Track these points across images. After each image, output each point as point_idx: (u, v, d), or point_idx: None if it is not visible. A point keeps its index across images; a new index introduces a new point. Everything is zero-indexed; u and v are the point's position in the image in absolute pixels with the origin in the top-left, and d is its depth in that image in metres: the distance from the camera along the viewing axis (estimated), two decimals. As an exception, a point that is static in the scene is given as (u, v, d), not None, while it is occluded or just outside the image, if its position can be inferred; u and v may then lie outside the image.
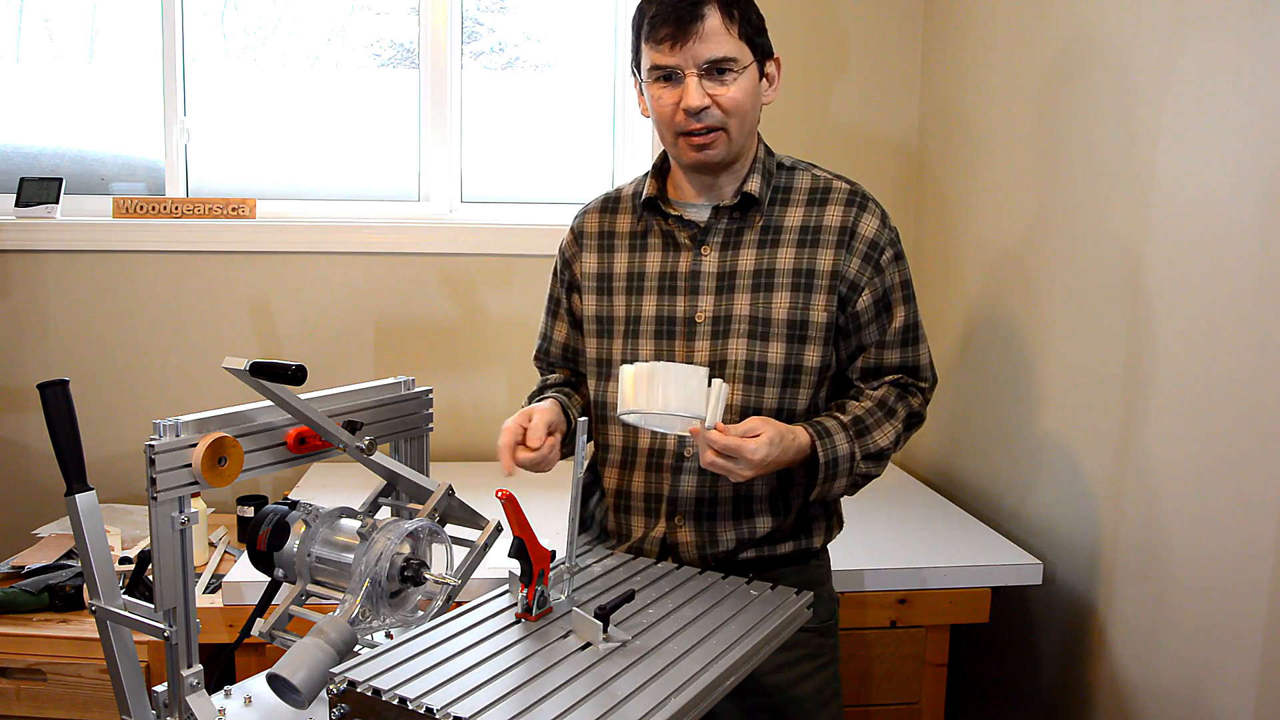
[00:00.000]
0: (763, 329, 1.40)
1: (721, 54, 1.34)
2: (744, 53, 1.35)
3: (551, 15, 2.67)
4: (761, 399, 1.40)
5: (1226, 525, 1.49)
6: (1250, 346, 1.45)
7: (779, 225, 1.43)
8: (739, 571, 1.36)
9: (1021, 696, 2.09)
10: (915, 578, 1.84)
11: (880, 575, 1.83)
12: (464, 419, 2.56)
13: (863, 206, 1.42)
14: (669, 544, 1.44)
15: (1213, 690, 1.52)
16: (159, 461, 1.08)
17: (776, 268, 1.41)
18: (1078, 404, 1.88)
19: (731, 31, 1.34)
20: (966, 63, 2.35)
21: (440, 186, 2.60)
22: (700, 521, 1.43)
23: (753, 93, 1.37)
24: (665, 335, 1.45)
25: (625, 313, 1.48)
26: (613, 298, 1.49)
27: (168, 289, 2.47)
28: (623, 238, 1.50)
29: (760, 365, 1.40)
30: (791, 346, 1.40)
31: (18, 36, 2.56)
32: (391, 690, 0.96)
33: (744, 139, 1.40)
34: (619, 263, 1.50)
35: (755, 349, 1.40)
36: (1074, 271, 1.90)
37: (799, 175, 1.47)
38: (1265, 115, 1.42)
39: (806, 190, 1.45)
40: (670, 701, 0.98)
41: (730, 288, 1.42)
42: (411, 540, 1.21)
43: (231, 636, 1.75)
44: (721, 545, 1.43)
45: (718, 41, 1.33)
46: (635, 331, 1.46)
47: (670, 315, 1.44)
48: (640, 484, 1.46)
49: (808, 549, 1.48)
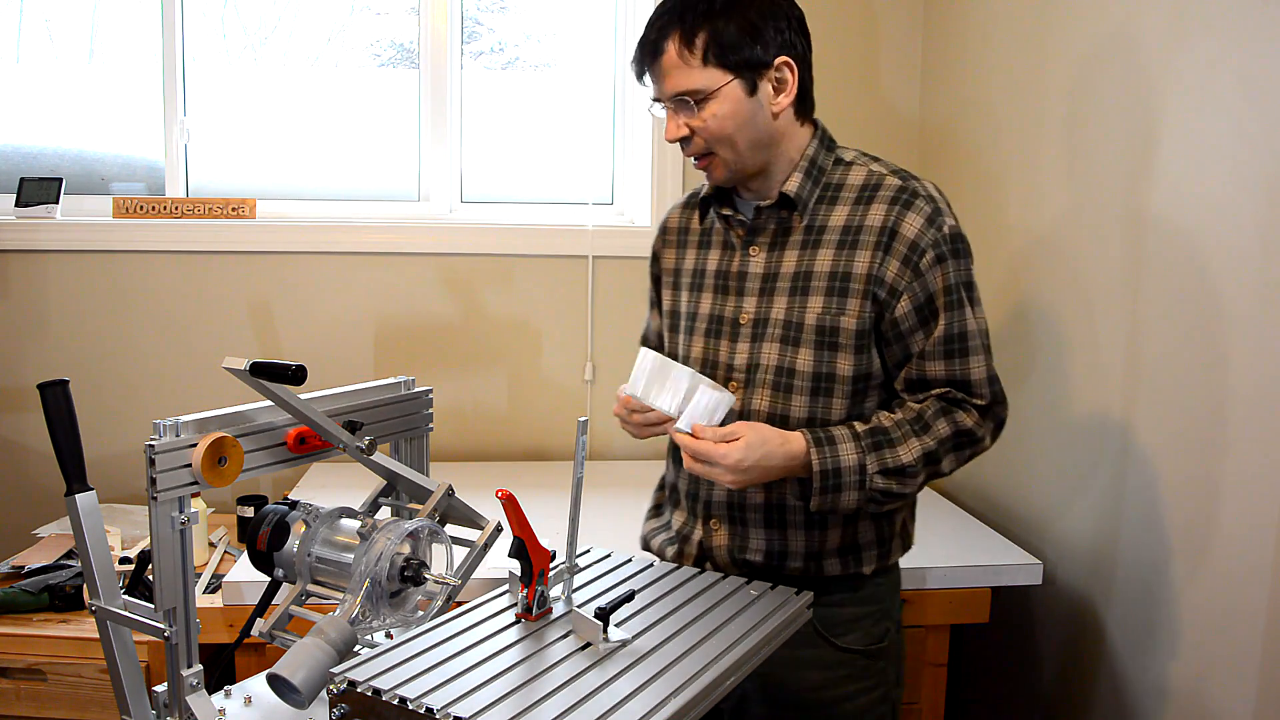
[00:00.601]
0: (794, 334, 1.36)
1: (685, 87, 1.31)
2: (712, 78, 1.30)
3: (551, 15, 2.67)
4: (789, 407, 1.36)
5: (1227, 525, 1.49)
6: (1251, 345, 1.45)
7: (823, 225, 1.37)
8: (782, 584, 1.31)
9: (1021, 696, 2.08)
10: (915, 578, 1.84)
11: (880, 575, 1.83)
12: (464, 419, 2.56)
13: (908, 204, 1.33)
14: (704, 547, 1.43)
15: (1213, 690, 1.52)
16: (159, 461, 1.08)
17: (814, 270, 1.36)
18: (1078, 403, 1.88)
19: (692, 61, 1.30)
20: (967, 57, 2.35)
21: (440, 186, 2.60)
22: (733, 526, 1.41)
23: (737, 113, 1.31)
24: (714, 334, 1.43)
25: (687, 309, 1.47)
26: (681, 293, 1.49)
27: (168, 289, 2.47)
28: (694, 234, 1.50)
29: (789, 372, 1.36)
30: (821, 354, 1.34)
31: (18, 36, 2.56)
32: (391, 690, 0.96)
33: (749, 155, 1.35)
34: (689, 259, 1.49)
35: (786, 355, 1.36)
36: (1073, 270, 1.90)
37: (854, 171, 1.39)
38: (1265, 115, 1.42)
39: (857, 187, 1.37)
40: (670, 701, 0.98)
41: (772, 290, 1.38)
42: (411, 540, 1.21)
43: (231, 636, 1.75)
44: (751, 553, 1.40)
45: (678, 75, 1.31)
46: (692, 329, 1.46)
47: (720, 314, 1.43)
48: (685, 481, 1.46)
49: (857, 574, 1.41)
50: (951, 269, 1.33)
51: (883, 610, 1.45)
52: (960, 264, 1.34)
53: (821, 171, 1.39)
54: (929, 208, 1.33)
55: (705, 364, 1.43)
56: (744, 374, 1.39)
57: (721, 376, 1.41)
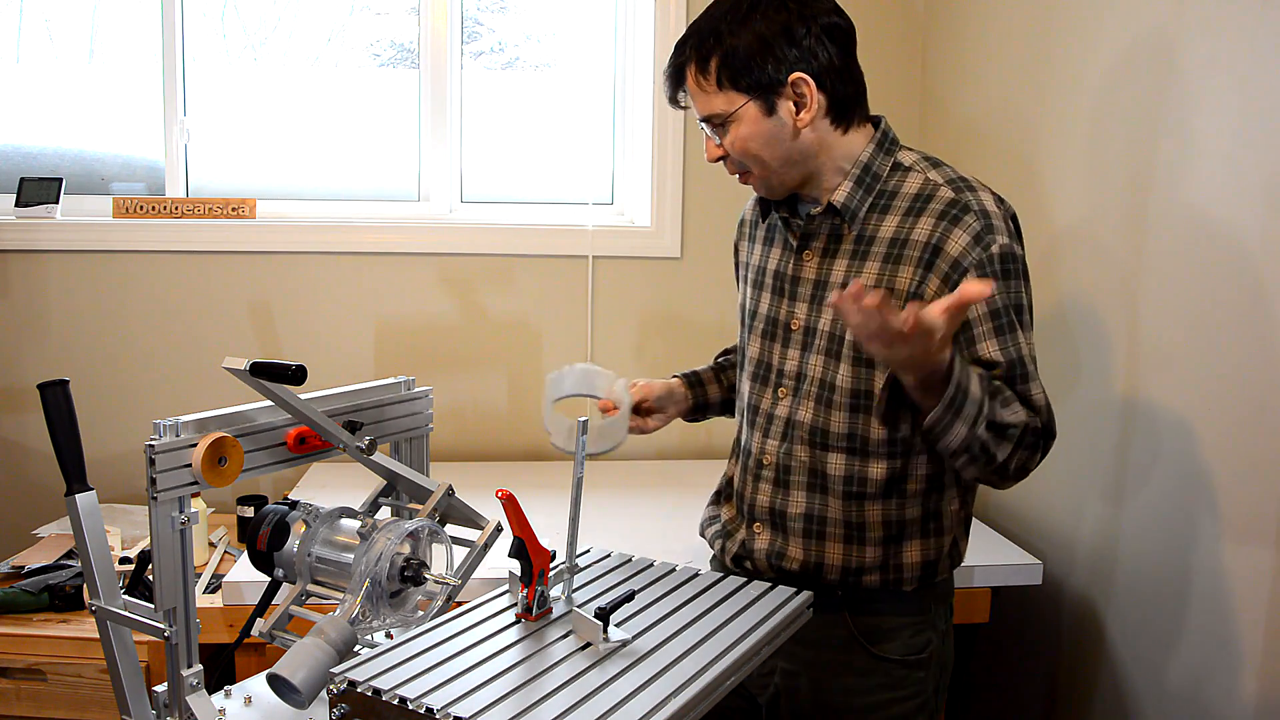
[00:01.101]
0: (836, 347, 1.33)
1: (707, 112, 1.31)
2: (731, 100, 1.28)
3: (551, 15, 2.67)
4: (830, 421, 1.34)
5: (1227, 525, 1.49)
6: (1250, 345, 1.45)
7: (872, 235, 1.32)
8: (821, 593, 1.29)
9: (1021, 696, 2.08)
10: (915, 578, 1.84)
11: (880, 575, 1.83)
12: (464, 419, 2.56)
13: (956, 220, 1.26)
14: (746, 547, 1.43)
15: (1213, 690, 1.52)
16: (159, 461, 1.08)
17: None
18: (1078, 403, 1.88)
19: (708, 86, 1.29)
20: (968, 53, 2.35)
21: (440, 186, 2.60)
22: (774, 531, 1.40)
23: (760, 133, 1.29)
24: (769, 336, 1.42)
25: (751, 305, 1.47)
26: (748, 289, 1.49)
27: (168, 289, 2.47)
28: (761, 229, 1.48)
29: (830, 386, 1.34)
30: (859, 370, 1.31)
31: (18, 36, 2.56)
32: (391, 690, 0.96)
33: (783, 171, 1.32)
34: (756, 254, 1.48)
35: (829, 368, 1.34)
36: (1073, 269, 1.90)
37: (911, 178, 1.33)
38: (1265, 115, 1.42)
39: (910, 197, 1.31)
40: (670, 701, 0.98)
41: (821, 298, 1.35)
42: (411, 540, 1.21)
43: (231, 636, 1.75)
44: (789, 561, 1.38)
45: (700, 101, 1.32)
46: (753, 327, 1.45)
47: (775, 316, 1.42)
48: (736, 480, 1.47)
49: (898, 591, 1.37)
50: (1000, 290, 1.25)
51: (926, 621, 1.41)
52: (1011, 285, 1.27)
53: (876, 179, 1.34)
54: (978, 225, 1.26)
55: (760, 364, 1.43)
56: (793, 381, 1.39)
57: (773, 380, 1.41)
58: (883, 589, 1.37)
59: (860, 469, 1.34)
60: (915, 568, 1.37)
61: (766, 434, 1.41)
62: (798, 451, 1.37)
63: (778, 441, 1.39)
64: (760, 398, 1.43)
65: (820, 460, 1.36)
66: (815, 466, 1.36)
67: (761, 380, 1.43)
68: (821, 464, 1.36)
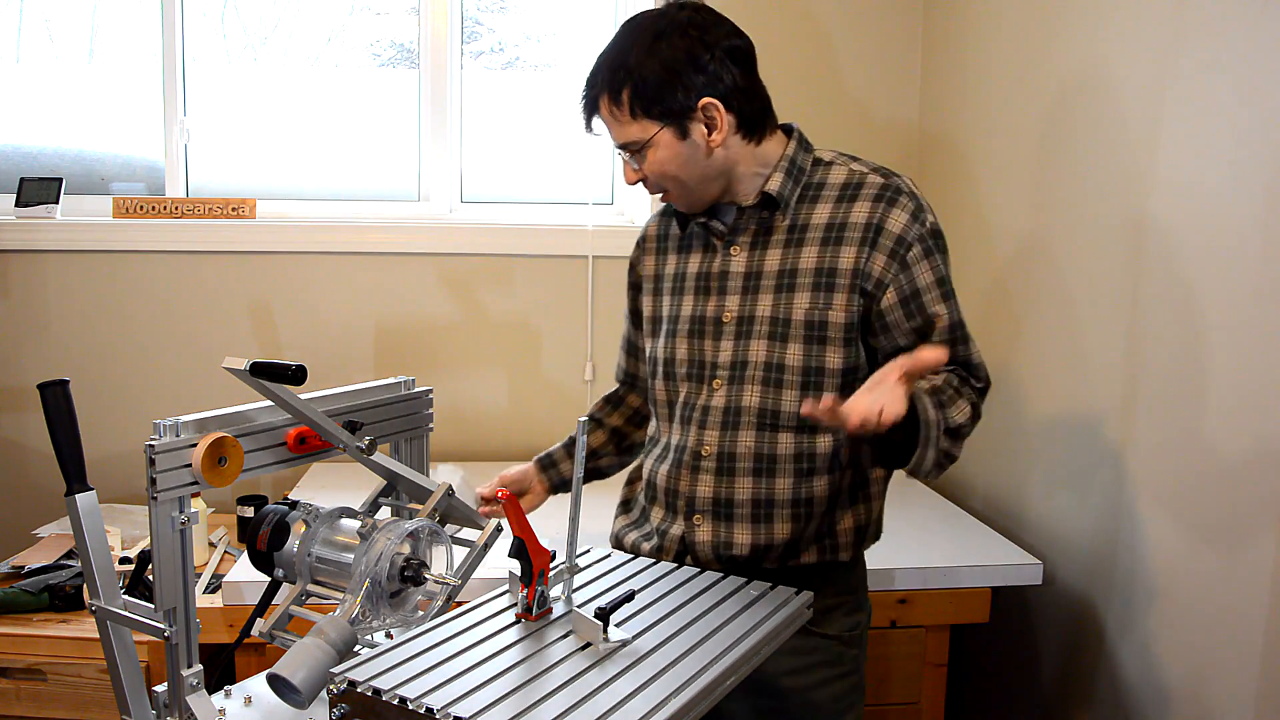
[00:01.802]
0: (782, 330, 1.38)
1: (622, 140, 1.38)
2: (645, 128, 1.35)
3: (551, 15, 2.67)
4: (780, 401, 1.39)
5: (1227, 525, 1.49)
6: (1250, 345, 1.45)
7: (805, 224, 1.40)
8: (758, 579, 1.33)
9: (1021, 696, 2.08)
10: (915, 578, 1.84)
11: (880, 575, 1.83)
12: (464, 419, 2.56)
13: (892, 201, 1.36)
14: (687, 542, 1.44)
15: (1213, 690, 1.52)
16: (159, 461, 1.08)
17: (799, 267, 1.39)
18: (1078, 403, 1.88)
19: (621, 116, 1.36)
20: (968, 56, 2.35)
21: (440, 186, 2.60)
22: (718, 522, 1.43)
23: (676, 156, 1.36)
24: (697, 334, 1.46)
25: (670, 312, 1.50)
26: (663, 298, 1.52)
27: (168, 289, 2.47)
28: (674, 240, 1.53)
29: (779, 367, 1.39)
30: (810, 348, 1.37)
31: (18, 36, 2.56)
32: (391, 690, 0.96)
33: (701, 188, 1.40)
34: (670, 264, 1.52)
35: (775, 350, 1.39)
36: (1074, 269, 1.90)
37: (835, 170, 1.42)
38: (1264, 115, 1.42)
39: (839, 186, 1.40)
40: (670, 701, 0.98)
41: (755, 288, 1.41)
42: (411, 540, 1.21)
43: (231, 636, 1.75)
44: (737, 548, 1.41)
45: (616, 130, 1.38)
46: (674, 331, 1.48)
47: (702, 315, 1.45)
48: (664, 478, 1.47)
49: (834, 562, 1.44)
50: (940, 263, 1.38)
51: (856, 602, 1.49)
52: (945, 258, 1.39)
53: (802, 172, 1.42)
54: (912, 204, 1.37)
55: (690, 363, 1.46)
56: (728, 370, 1.42)
57: (706, 374, 1.44)
58: (820, 564, 1.43)
59: (809, 445, 1.39)
60: (849, 533, 1.44)
61: (704, 426, 1.43)
62: (743, 437, 1.40)
63: (718, 431, 1.42)
64: (694, 394, 1.45)
65: (769, 442, 1.40)
66: (761, 450, 1.40)
67: (694, 378, 1.46)
68: (770, 446, 1.40)
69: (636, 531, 1.53)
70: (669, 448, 1.48)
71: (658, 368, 1.51)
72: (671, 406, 1.49)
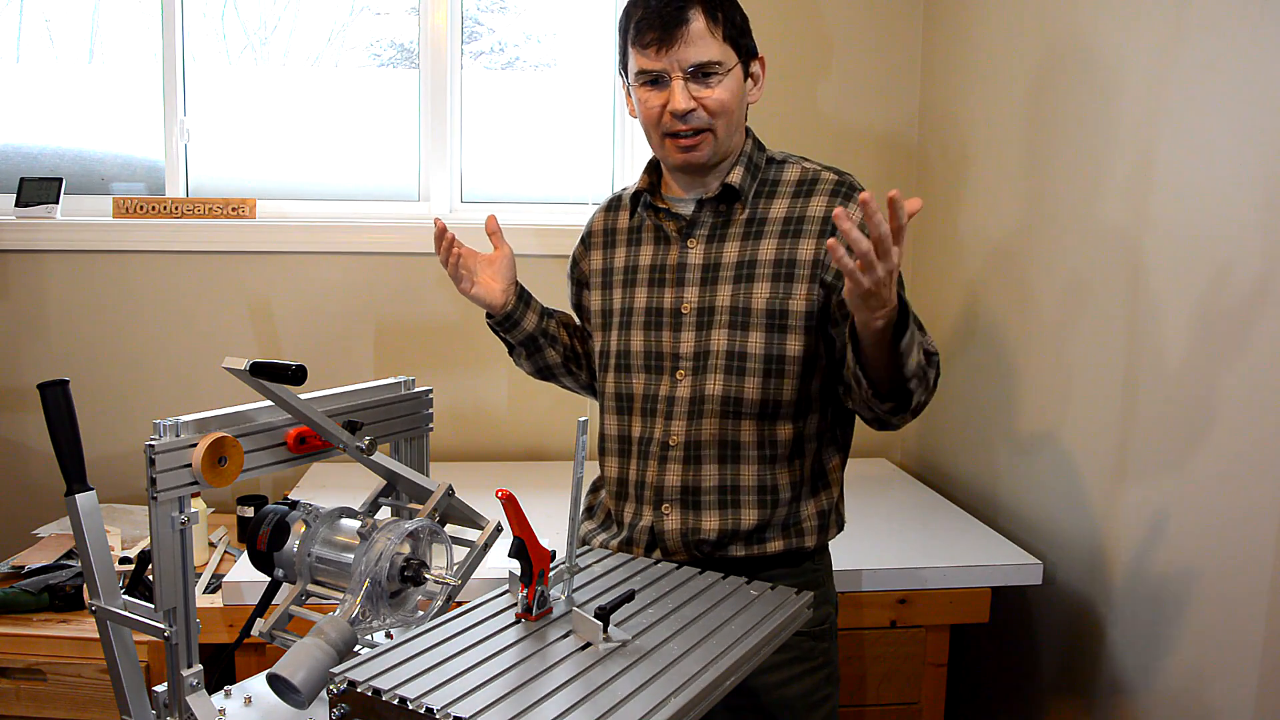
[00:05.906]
0: (743, 319, 1.42)
1: (706, 58, 1.37)
2: (729, 55, 1.38)
3: (551, 15, 2.67)
4: (743, 389, 1.42)
5: (1226, 524, 1.49)
6: (1250, 345, 1.45)
7: (764, 217, 1.45)
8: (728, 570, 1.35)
9: (1021, 696, 2.09)
10: (915, 578, 1.84)
11: (879, 575, 1.83)
12: (464, 419, 2.56)
13: (848, 196, 1.43)
14: (656, 532, 1.46)
15: (1213, 690, 1.52)
16: (159, 461, 1.08)
17: (759, 259, 1.42)
18: (1078, 403, 1.88)
19: (716, 34, 1.37)
20: (967, 57, 2.35)
21: (440, 186, 2.60)
22: (685, 510, 1.45)
23: (738, 93, 1.40)
24: (654, 326, 1.48)
25: (621, 305, 1.52)
26: (612, 291, 1.54)
27: (168, 289, 2.47)
28: (622, 233, 1.55)
29: (740, 355, 1.41)
30: (771, 336, 1.40)
31: (18, 36, 2.56)
32: (391, 690, 0.96)
33: (730, 138, 1.42)
34: (618, 257, 1.54)
35: (736, 339, 1.42)
36: (1074, 269, 1.90)
37: (788, 168, 1.48)
38: (1264, 115, 1.42)
39: (794, 182, 1.46)
40: (670, 701, 0.98)
41: (714, 279, 1.44)
42: (411, 540, 1.21)
43: (231, 636, 1.75)
44: (704, 534, 1.44)
45: (703, 45, 1.36)
46: (628, 323, 1.50)
47: (659, 306, 1.48)
48: (632, 471, 1.49)
49: (800, 549, 1.47)
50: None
51: (824, 594, 1.51)
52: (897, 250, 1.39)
53: (758, 168, 1.47)
54: None
55: (648, 355, 1.47)
56: (691, 361, 1.44)
57: (667, 365, 1.46)
58: (786, 552, 1.45)
59: (770, 432, 1.43)
60: (813, 518, 1.47)
61: (669, 417, 1.45)
62: (707, 426, 1.43)
63: (684, 421, 1.44)
64: (655, 386, 1.47)
65: (733, 430, 1.43)
66: (725, 438, 1.43)
67: (653, 370, 1.47)
68: (734, 434, 1.43)
69: (605, 533, 1.55)
70: (631, 441, 1.50)
71: (610, 360, 1.52)
72: (626, 399, 1.50)
